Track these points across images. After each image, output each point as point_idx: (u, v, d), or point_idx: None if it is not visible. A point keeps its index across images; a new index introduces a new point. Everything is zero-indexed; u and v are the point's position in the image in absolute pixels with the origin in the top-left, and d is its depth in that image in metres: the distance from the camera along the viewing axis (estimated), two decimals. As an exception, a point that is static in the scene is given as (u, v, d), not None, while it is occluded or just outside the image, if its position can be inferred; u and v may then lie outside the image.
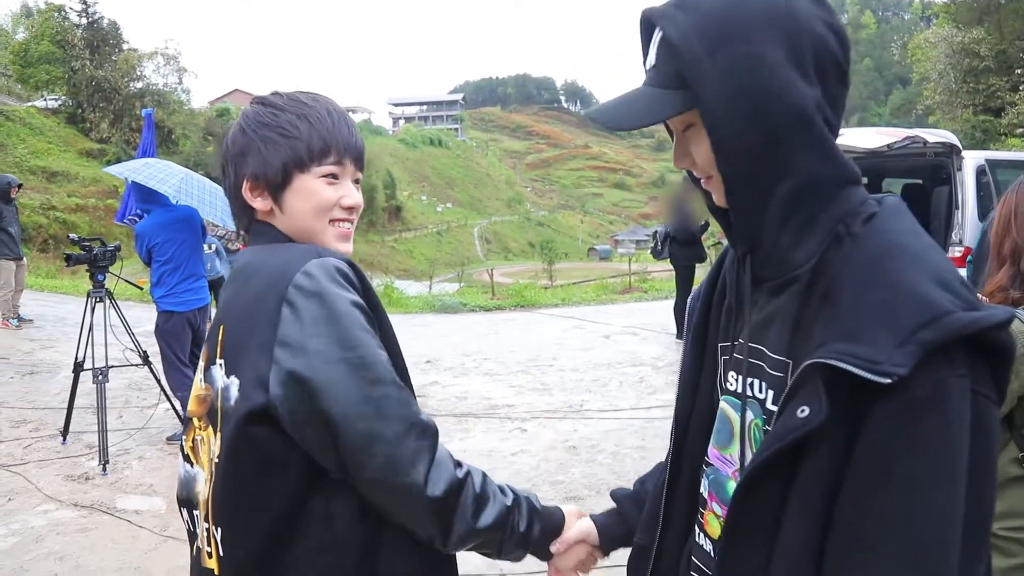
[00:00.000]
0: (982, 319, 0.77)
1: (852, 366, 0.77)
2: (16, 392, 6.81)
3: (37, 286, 14.49)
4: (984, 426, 0.79)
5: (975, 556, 0.81)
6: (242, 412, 1.08)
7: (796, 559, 0.84)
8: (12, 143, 27.69)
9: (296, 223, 1.24)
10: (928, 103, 28.20)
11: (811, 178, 0.90)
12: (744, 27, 0.87)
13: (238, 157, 1.24)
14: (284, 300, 1.07)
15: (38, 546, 3.91)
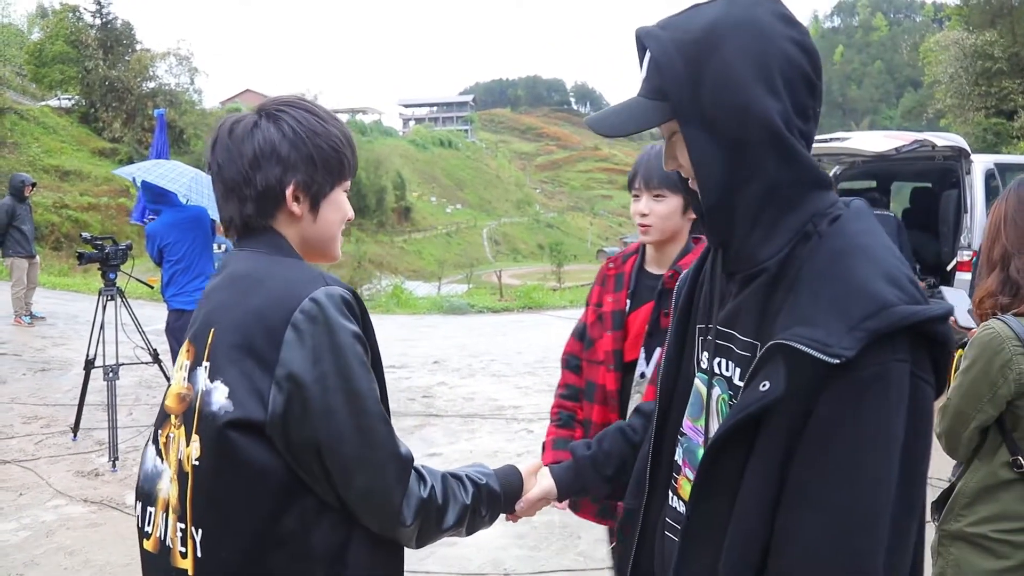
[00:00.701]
0: (921, 312, 0.89)
1: (808, 347, 0.89)
2: (28, 388, 6.89)
3: (49, 284, 14.61)
4: (920, 404, 0.92)
5: (908, 514, 0.92)
6: (233, 420, 1.12)
7: (753, 515, 0.96)
8: (26, 142, 27.86)
9: (322, 232, 1.32)
10: (940, 106, 28.04)
11: (777, 182, 1.00)
12: (717, 47, 0.98)
13: (286, 161, 1.24)
14: (290, 323, 1.12)
15: (48, 540, 3.97)
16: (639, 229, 2.13)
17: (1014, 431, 1.86)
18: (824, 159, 9.04)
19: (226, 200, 1.29)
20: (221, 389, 1.14)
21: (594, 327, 2.26)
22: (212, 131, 1.32)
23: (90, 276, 15.03)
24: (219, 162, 1.27)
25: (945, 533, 1.97)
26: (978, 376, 1.86)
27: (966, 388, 1.89)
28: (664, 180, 2.05)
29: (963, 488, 1.95)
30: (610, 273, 2.29)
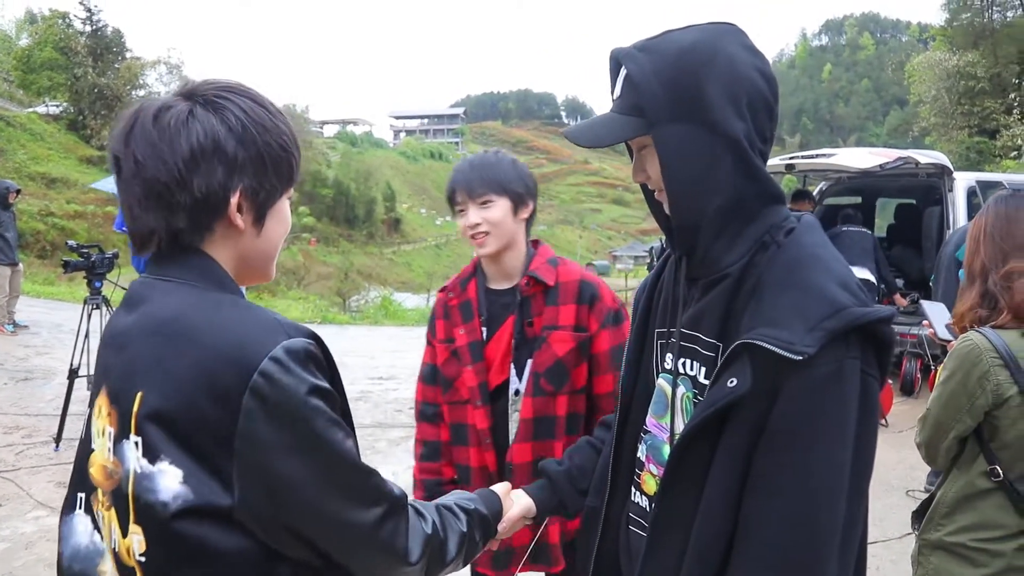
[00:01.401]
0: (872, 313, 0.98)
1: (773, 346, 0.97)
2: (10, 398, 6.82)
3: (34, 292, 14.49)
4: (867, 399, 1.00)
5: (857, 500, 1.01)
6: (189, 507, 0.93)
7: (719, 504, 1.03)
8: (12, 148, 27.71)
9: (265, 248, 1.10)
10: (924, 124, 28.39)
11: (740, 196, 1.09)
12: (692, 70, 1.06)
13: (232, 162, 1.01)
14: (248, 389, 0.91)
15: (27, 552, 3.92)
16: (474, 243, 2.00)
17: (991, 441, 1.88)
18: (810, 175, 9.14)
19: (145, 208, 1.00)
20: (171, 473, 0.93)
21: (449, 365, 2.08)
22: (124, 117, 1.04)
23: (75, 285, 14.93)
24: (138, 158, 0.99)
25: (925, 542, 1.99)
26: (957, 387, 1.88)
27: (945, 399, 1.91)
28: (487, 184, 1.96)
29: (942, 498, 1.97)
30: (453, 304, 2.10)
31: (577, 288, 2.02)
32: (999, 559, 1.84)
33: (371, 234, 58.09)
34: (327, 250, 44.23)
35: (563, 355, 1.98)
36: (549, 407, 1.99)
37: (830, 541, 0.98)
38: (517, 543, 1.99)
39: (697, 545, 1.05)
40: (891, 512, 4.46)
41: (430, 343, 2.18)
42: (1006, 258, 1.92)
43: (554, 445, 1.99)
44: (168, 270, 1.03)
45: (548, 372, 1.98)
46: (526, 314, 2.02)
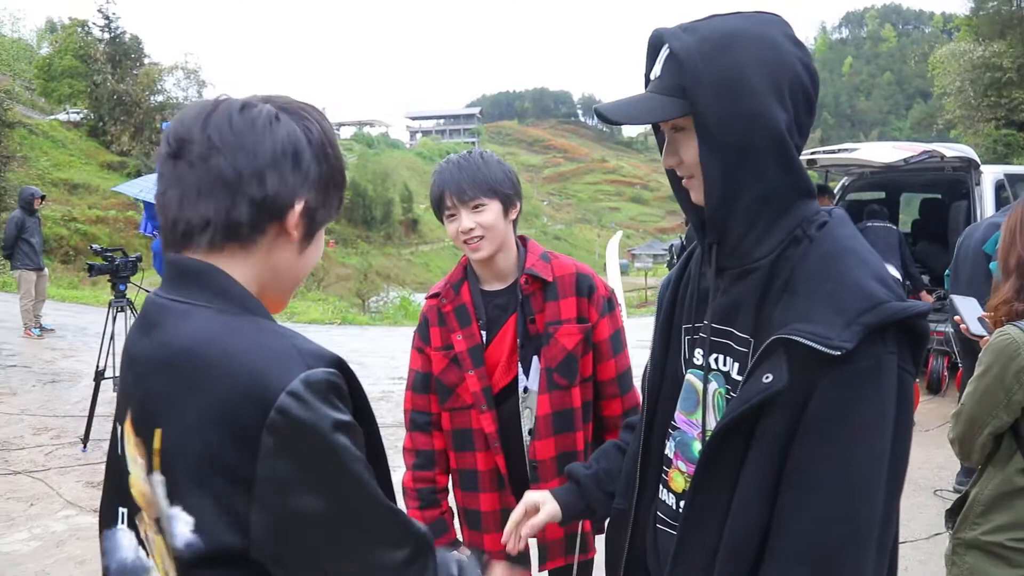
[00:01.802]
0: (910, 308, 0.97)
1: (810, 341, 0.96)
2: (38, 400, 6.92)
3: (59, 296, 14.69)
4: (904, 394, 0.99)
5: (894, 497, 1.00)
6: (203, 555, 0.90)
7: (754, 501, 1.02)
8: (35, 156, 28.08)
9: (301, 269, 1.08)
10: (949, 117, 27.99)
11: (774, 188, 1.07)
12: (737, 54, 1.04)
13: (307, 172, 1.01)
14: (266, 427, 0.86)
15: (59, 550, 3.98)
16: (468, 248, 1.97)
17: None
18: (832, 170, 9.05)
19: (205, 195, 0.96)
20: (183, 519, 0.90)
21: (448, 372, 2.03)
22: (200, 106, 1.01)
23: (99, 289, 15.12)
24: (214, 143, 0.96)
25: (960, 541, 1.95)
26: (993, 382, 1.85)
27: (980, 394, 1.88)
28: (478, 187, 1.92)
29: (978, 496, 1.94)
30: (447, 309, 2.05)
31: (575, 280, 2.03)
32: None
33: (389, 235, 58.33)
34: (345, 251, 44.47)
35: (572, 348, 1.99)
36: (565, 400, 2.01)
37: (868, 536, 0.96)
38: (551, 536, 2.03)
39: (730, 542, 1.05)
40: (918, 512, 4.39)
41: (421, 351, 2.12)
42: None
43: (576, 436, 2.02)
44: (184, 290, 0.98)
45: (560, 366, 1.99)
46: (528, 312, 2.01)
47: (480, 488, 2.04)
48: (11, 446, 5.62)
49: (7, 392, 7.11)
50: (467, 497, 2.09)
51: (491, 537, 2.07)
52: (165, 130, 1.03)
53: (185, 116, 1.00)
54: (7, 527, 4.24)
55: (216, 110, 0.98)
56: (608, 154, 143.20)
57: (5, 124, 21.42)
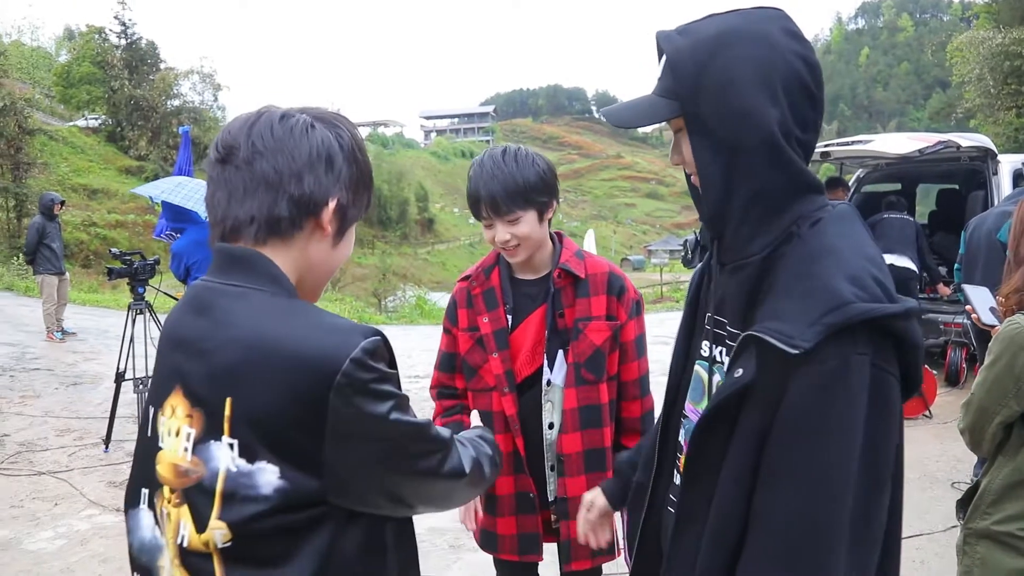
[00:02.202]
0: (876, 309, 0.96)
1: (772, 338, 0.98)
2: (61, 402, 7.03)
3: (79, 300, 14.87)
4: (881, 394, 0.98)
5: (875, 489, 0.99)
6: (286, 499, 1.02)
7: (732, 493, 1.05)
8: (55, 162, 28.37)
9: (334, 262, 1.21)
10: (968, 106, 27.58)
11: (767, 186, 1.08)
12: (725, 54, 1.06)
13: (339, 173, 1.15)
14: (333, 389, 1.01)
15: (83, 548, 4.05)
16: (505, 254, 2.02)
17: None
18: (847, 162, 8.99)
19: (250, 194, 1.10)
20: (269, 470, 1.02)
21: (473, 353, 2.09)
22: (245, 116, 1.15)
23: (119, 292, 15.29)
24: (258, 148, 1.10)
25: (971, 531, 1.96)
26: (1002, 371, 1.85)
27: (990, 383, 1.88)
28: (512, 201, 1.92)
29: (988, 486, 1.94)
30: (476, 292, 2.10)
31: (607, 280, 2.07)
32: None
33: (405, 235, 58.44)
34: (361, 252, 44.60)
35: (600, 344, 2.03)
36: (592, 396, 2.04)
37: (835, 533, 0.96)
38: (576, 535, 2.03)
39: (712, 530, 1.08)
40: (936, 504, 4.39)
41: (448, 331, 2.17)
42: None
43: (603, 433, 2.05)
44: (234, 274, 1.11)
45: (588, 361, 2.02)
46: (557, 306, 2.04)
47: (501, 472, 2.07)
48: (35, 447, 5.72)
49: (31, 395, 7.23)
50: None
51: (504, 521, 2.10)
52: (216, 140, 1.16)
53: (232, 126, 1.14)
54: (33, 526, 4.32)
55: (259, 120, 1.12)
56: (623, 150, 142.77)
57: (25, 131, 21.70)
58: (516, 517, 2.09)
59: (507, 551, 2.12)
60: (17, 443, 5.80)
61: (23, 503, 4.67)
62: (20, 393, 7.27)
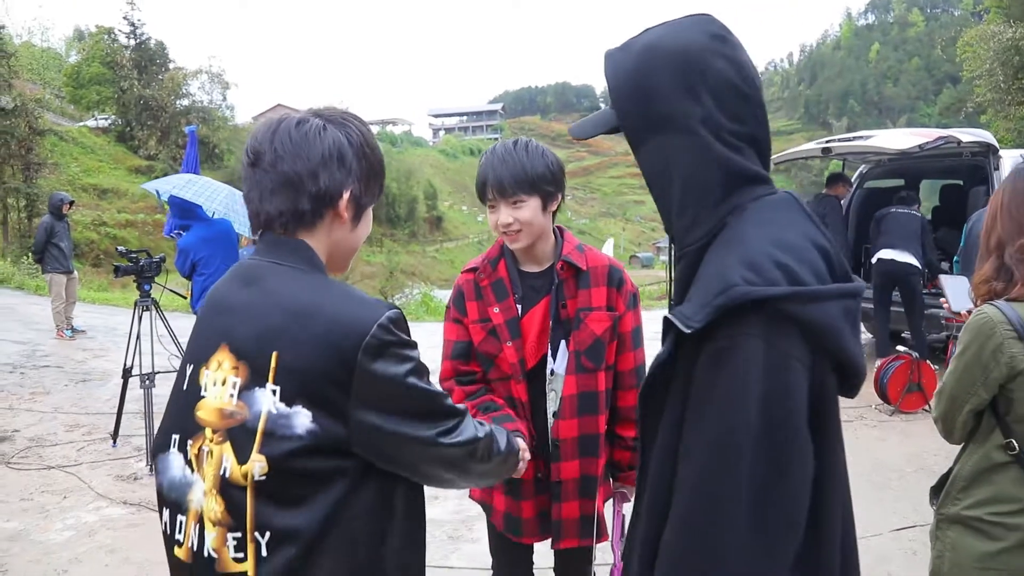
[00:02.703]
0: (753, 292, 1.00)
1: (675, 319, 1.05)
2: (70, 398, 7.13)
3: (89, 299, 15.01)
4: (778, 372, 1.01)
5: (776, 472, 1.00)
6: (316, 440, 1.18)
7: (663, 462, 1.11)
8: (66, 162, 28.60)
9: (355, 242, 1.40)
10: (979, 100, 27.37)
11: (699, 180, 1.14)
12: (649, 64, 1.14)
13: (350, 167, 1.31)
14: (362, 348, 1.19)
15: (91, 540, 4.14)
16: (506, 239, 2.10)
17: (1007, 415, 1.88)
18: (850, 158, 9.00)
19: (277, 193, 1.29)
20: (304, 414, 1.18)
21: (487, 343, 2.14)
22: (267, 123, 1.33)
23: (128, 291, 15.42)
24: (279, 153, 1.28)
25: (943, 517, 2.00)
26: (971, 360, 1.89)
27: (960, 372, 1.92)
28: (518, 184, 2.01)
29: (959, 472, 1.98)
30: (484, 283, 2.17)
31: (607, 272, 2.15)
32: (1015, 532, 1.85)
33: (413, 233, 58.45)
34: (370, 250, 44.67)
35: (600, 333, 2.10)
36: (590, 383, 2.11)
37: (729, 507, 0.98)
38: (566, 516, 2.13)
39: (648, 501, 1.14)
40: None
41: (459, 321, 2.20)
42: (1022, 231, 1.92)
43: (598, 419, 2.12)
44: (279, 254, 1.30)
45: (588, 350, 2.09)
46: (560, 297, 2.11)
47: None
48: (45, 442, 5.82)
49: (41, 391, 7.34)
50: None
51: (527, 504, 2.16)
52: (246, 146, 1.34)
53: (257, 132, 1.33)
54: (42, 518, 4.42)
55: (279, 126, 1.31)
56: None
57: (36, 132, 21.86)
58: (535, 500, 2.17)
59: (530, 533, 2.19)
60: (27, 438, 5.90)
61: (33, 496, 4.76)
62: (30, 390, 7.38)
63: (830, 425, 1.09)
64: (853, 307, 1.09)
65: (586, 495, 2.13)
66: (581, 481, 2.12)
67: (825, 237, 1.14)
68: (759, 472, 0.99)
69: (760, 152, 1.17)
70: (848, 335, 1.06)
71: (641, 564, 1.13)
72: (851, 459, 1.18)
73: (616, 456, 2.23)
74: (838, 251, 1.14)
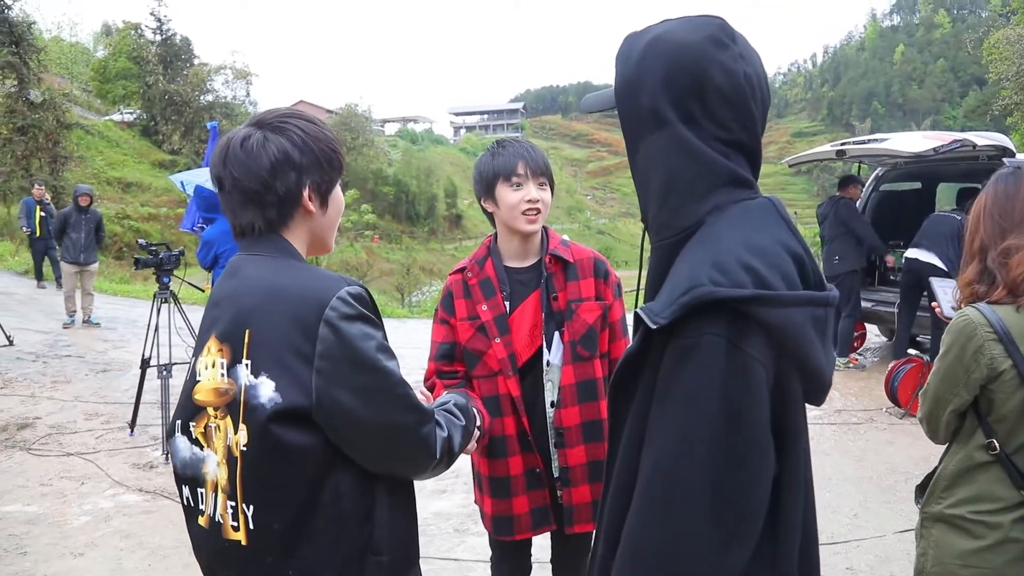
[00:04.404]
0: (715, 292, 1.01)
1: (644, 314, 1.08)
2: (90, 388, 7.29)
3: (111, 291, 15.24)
4: (740, 373, 1.02)
5: (737, 466, 1.02)
6: (280, 409, 1.27)
7: (630, 449, 1.13)
8: (91, 155, 29.00)
9: (329, 222, 1.49)
10: (1005, 103, 27.02)
11: (677, 176, 1.15)
12: (645, 55, 1.17)
13: (300, 166, 1.39)
14: (322, 320, 1.28)
15: (107, 525, 4.26)
16: (525, 220, 2.15)
17: (988, 415, 1.91)
18: (866, 161, 8.96)
19: (244, 208, 1.40)
20: (267, 384, 1.27)
21: (475, 341, 2.20)
22: (219, 146, 1.43)
23: (150, 284, 15.59)
24: (234, 175, 1.38)
25: (927, 515, 2.03)
26: (953, 362, 1.92)
27: (942, 374, 1.95)
28: (546, 168, 2.16)
29: (942, 472, 2.01)
30: (472, 282, 2.23)
31: (593, 264, 2.23)
32: (996, 531, 1.88)
33: (433, 230, 58.50)
34: (389, 247, 44.87)
35: (593, 322, 2.18)
36: (588, 371, 2.17)
37: (682, 497, 1.01)
38: (577, 500, 2.18)
39: (615, 487, 1.16)
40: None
41: (446, 322, 2.26)
42: (1004, 235, 1.94)
43: (599, 405, 2.18)
44: (257, 248, 1.41)
45: (583, 339, 2.17)
46: (551, 289, 2.18)
47: (508, 453, 2.18)
48: (65, 430, 5.96)
49: (62, 380, 7.50)
50: (495, 465, 2.20)
51: (518, 500, 2.20)
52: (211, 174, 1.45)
53: (215, 158, 1.43)
54: (61, 503, 4.54)
55: (228, 151, 1.40)
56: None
57: (63, 126, 22.23)
58: (528, 495, 2.21)
59: (523, 529, 2.23)
60: (48, 425, 6.05)
61: (52, 482, 4.90)
62: (52, 379, 7.55)
63: (794, 432, 1.10)
64: (822, 315, 1.09)
65: (596, 479, 2.17)
66: (590, 466, 2.17)
67: (801, 244, 1.15)
68: (718, 463, 1.01)
69: (749, 159, 1.18)
70: (814, 342, 1.07)
71: (606, 548, 1.15)
72: (860, 462, 1.20)
73: None
74: (812, 259, 1.14)
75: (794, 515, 1.11)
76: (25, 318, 10.73)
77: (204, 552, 1.43)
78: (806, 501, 1.14)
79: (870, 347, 9.35)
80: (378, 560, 1.38)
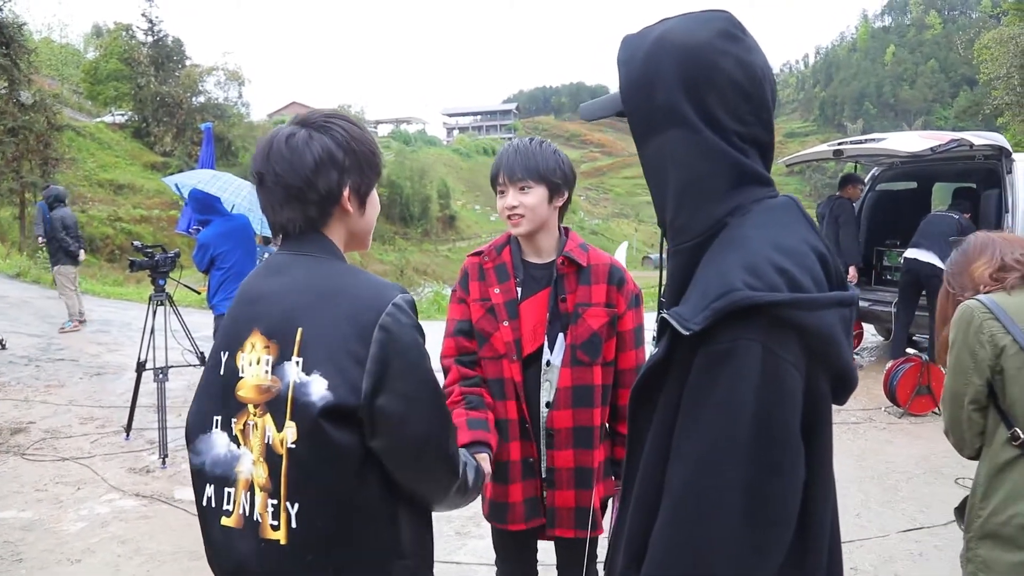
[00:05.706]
0: (756, 297, 0.98)
1: (673, 320, 1.04)
2: (85, 391, 7.22)
3: (104, 293, 15.17)
4: (774, 379, 1.00)
5: (768, 473, 1.00)
6: (331, 406, 1.27)
7: (654, 460, 1.11)
8: (82, 157, 28.83)
9: (367, 224, 1.52)
10: (996, 104, 27.18)
11: (696, 175, 1.12)
12: (657, 55, 1.13)
13: (341, 166, 1.41)
14: (378, 325, 1.30)
15: (103, 530, 4.20)
16: (509, 223, 2.17)
17: (1003, 400, 1.95)
18: (863, 160, 8.98)
19: (285, 205, 1.41)
20: (319, 381, 1.28)
21: (484, 321, 2.21)
22: (263, 143, 1.44)
23: (143, 286, 15.55)
24: (277, 171, 1.39)
25: (971, 536, 2.02)
26: (960, 348, 1.99)
27: (953, 364, 2.01)
28: (528, 172, 2.12)
29: (976, 479, 2.03)
30: (488, 266, 2.25)
31: (608, 270, 2.20)
32: None
33: (426, 231, 58.47)
34: (383, 248, 44.76)
35: (597, 328, 2.15)
36: (586, 377, 2.15)
37: (717, 508, 0.99)
38: (560, 504, 2.18)
39: (638, 496, 1.13)
40: (938, 499, 4.46)
41: (463, 300, 2.27)
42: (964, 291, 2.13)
43: (593, 413, 2.16)
44: (302, 247, 1.42)
45: (584, 344, 2.15)
46: (560, 290, 2.17)
47: (510, 437, 2.19)
48: (60, 435, 5.90)
49: (56, 384, 7.44)
50: (498, 449, 2.18)
51: (514, 488, 2.21)
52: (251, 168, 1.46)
53: (257, 154, 1.44)
54: (56, 509, 4.49)
55: (272, 147, 1.41)
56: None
57: (54, 127, 22.05)
58: (522, 484, 2.21)
59: (516, 520, 2.23)
60: (42, 430, 5.99)
61: (47, 487, 4.83)
62: (46, 382, 7.48)
63: (821, 432, 1.08)
64: (848, 316, 1.08)
65: (582, 486, 2.17)
66: (576, 472, 2.17)
67: (823, 243, 1.13)
68: (751, 473, 0.99)
69: (763, 154, 1.16)
70: (842, 342, 1.06)
71: (626, 560, 1.13)
72: (860, 461, 1.19)
73: (618, 454, 2.26)
74: (835, 257, 1.13)
75: (823, 515, 1.09)
76: (17, 321, 10.65)
77: (230, 554, 1.38)
78: (833, 506, 1.13)
79: (867, 346, 9.37)
80: (404, 564, 1.39)
